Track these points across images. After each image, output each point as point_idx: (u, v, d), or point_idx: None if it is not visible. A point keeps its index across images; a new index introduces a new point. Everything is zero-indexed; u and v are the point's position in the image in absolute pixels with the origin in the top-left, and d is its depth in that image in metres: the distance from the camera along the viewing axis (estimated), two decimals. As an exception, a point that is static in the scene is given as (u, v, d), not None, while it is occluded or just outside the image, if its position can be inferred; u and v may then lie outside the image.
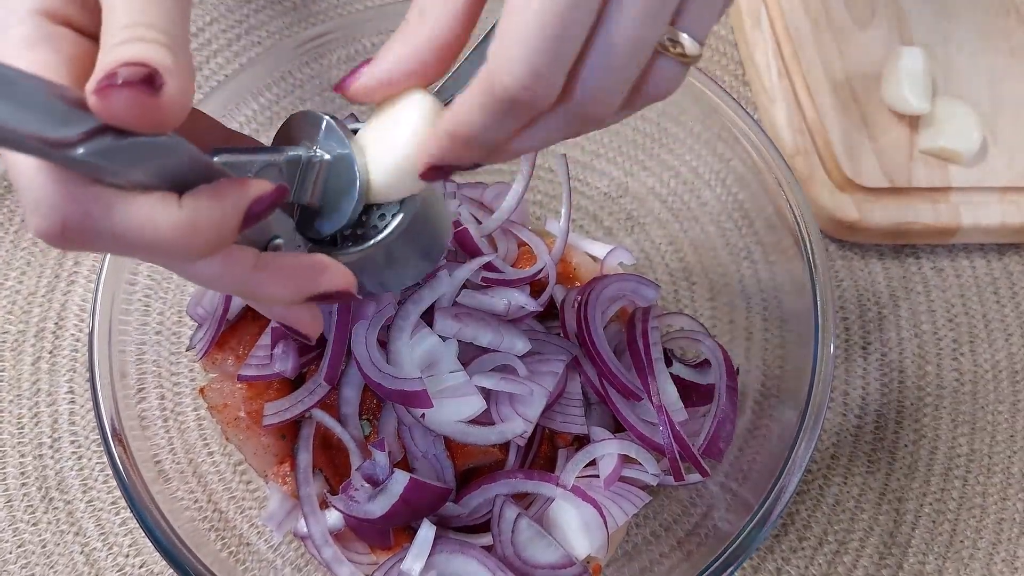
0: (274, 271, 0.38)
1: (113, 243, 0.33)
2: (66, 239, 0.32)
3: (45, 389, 0.69)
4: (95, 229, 0.32)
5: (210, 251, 0.35)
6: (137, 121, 0.31)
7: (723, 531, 0.54)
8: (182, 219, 0.33)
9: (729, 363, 0.60)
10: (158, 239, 0.33)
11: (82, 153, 0.30)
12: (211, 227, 0.34)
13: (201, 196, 0.34)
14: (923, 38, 0.80)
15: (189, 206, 0.33)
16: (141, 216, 0.33)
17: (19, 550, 0.64)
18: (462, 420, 0.53)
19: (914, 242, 0.76)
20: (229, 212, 0.35)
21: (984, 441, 0.71)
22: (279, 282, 0.39)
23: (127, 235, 0.33)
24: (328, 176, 0.41)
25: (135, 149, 0.31)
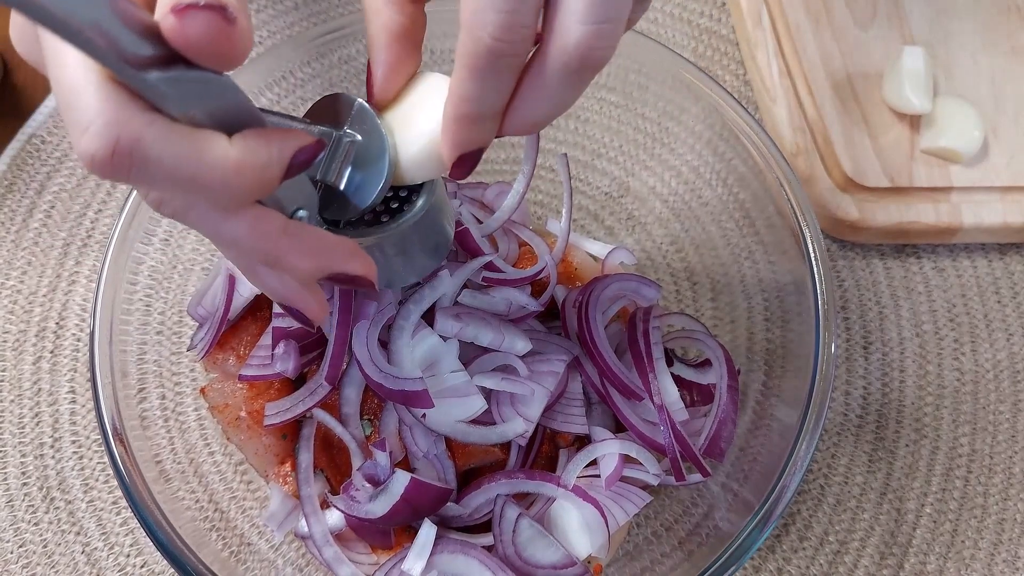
0: (300, 241, 0.38)
1: (159, 173, 0.33)
2: (114, 163, 0.32)
3: (46, 389, 0.69)
4: (145, 155, 0.32)
5: (253, 193, 0.35)
6: (211, 47, 0.31)
7: (724, 531, 0.54)
8: (231, 156, 0.33)
9: (730, 363, 0.60)
10: (205, 174, 0.33)
11: (154, 77, 0.30)
12: (257, 169, 0.34)
13: (250, 137, 0.34)
14: (924, 37, 0.80)
15: (239, 145, 0.34)
16: (193, 148, 0.33)
17: (20, 550, 0.64)
18: (463, 420, 0.53)
19: (915, 242, 0.76)
20: (275, 156, 0.35)
21: (985, 441, 0.71)
22: (304, 253, 0.39)
23: (176, 165, 0.33)
24: (356, 157, 0.41)
25: (200, 83, 0.32)
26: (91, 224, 0.74)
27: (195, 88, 0.32)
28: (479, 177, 0.75)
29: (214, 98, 0.33)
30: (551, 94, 0.38)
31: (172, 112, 0.32)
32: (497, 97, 0.37)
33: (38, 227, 0.74)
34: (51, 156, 0.76)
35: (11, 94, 0.80)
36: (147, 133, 0.32)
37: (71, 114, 0.32)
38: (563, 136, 0.72)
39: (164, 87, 0.31)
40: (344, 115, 0.41)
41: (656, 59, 0.63)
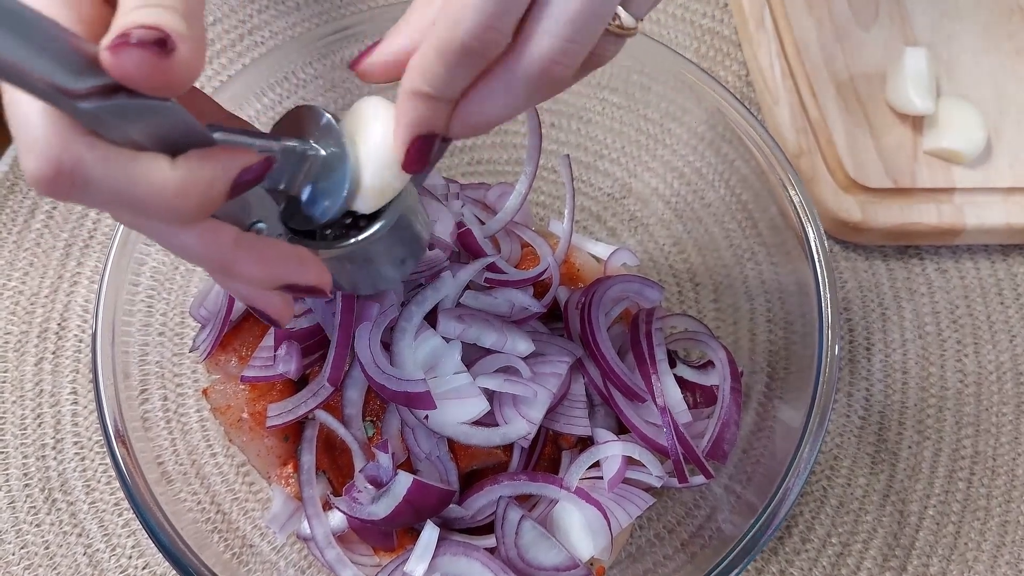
0: (252, 252, 0.39)
1: (102, 195, 0.34)
2: (57, 184, 0.33)
3: (48, 390, 0.69)
4: (87, 177, 0.33)
5: (196, 214, 0.36)
6: (146, 81, 0.32)
7: (727, 533, 0.54)
8: (173, 178, 0.34)
9: (733, 364, 0.60)
10: (148, 195, 0.34)
11: (89, 107, 0.31)
12: (200, 189, 0.35)
13: (192, 158, 0.35)
14: (927, 38, 0.80)
15: (181, 166, 0.35)
16: (134, 171, 0.34)
17: (22, 551, 0.64)
18: (466, 422, 0.53)
19: (918, 243, 0.76)
20: (219, 176, 0.36)
21: (988, 443, 0.70)
22: (255, 264, 0.39)
23: (117, 188, 0.34)
24: (320, 170, 0.41)
25: (139, 109, 0.33)
26: (93, 225, 0.74)
27: (136, 114, 0.33)
28: (481, 178, 0.75)
29: (156, 122, 0.34)
30: (505, 98, 0.39)
31: (113, 137, 0.33)
32: (455, 84, 0.38)
33: (40, 228, 0.73)
34: (53, 157, 0.75)
35: (13, 95, 0.80)
36: (87, 156, 0.33)
37: (19, 136, 0.33)
38: (565, 137, 0.72)
39: (100, 114, 0.32)
40: (311, 129, 0.42)
41: (658, 60, 0.63)
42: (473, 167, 0.76)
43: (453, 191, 0.65)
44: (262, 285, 0.41)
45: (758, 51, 0.80)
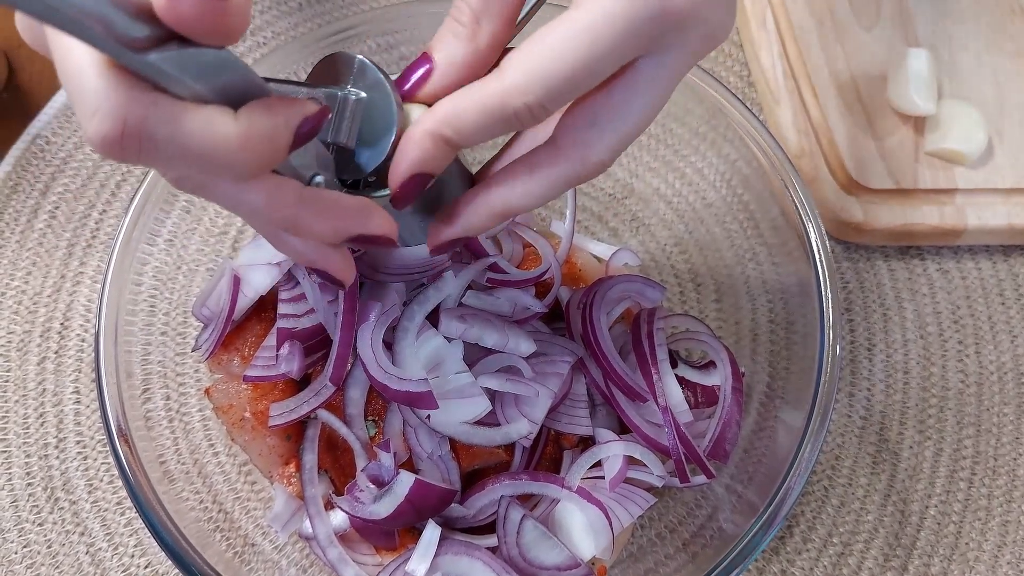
0: (318, 206, 0.39)
1: (168, 152, 0.33)
2: (124, 145, 0.32)
3: (51, 389, 0.69)
4: (154, 135, 0.32)
5: (262, 165, 0.35)
6: (203, 27, 0.31)
7: (728, 533, 0.54)
8: (238, 130, 0.34)
9: (735, 364, 0.60)
10: (214, 149, 0.33)
11: (153, 58, 0.31)
12: (264, 140, 0.35)
13: (255, 110, 0.35)
14: (928, 39, 0.80)
15: (244, 118, 0.34)
16: (200, 124, 0.33)
17: (25, 550, 0.64)
18: (467, 421, 0.53)
19: (919, 243, 0.76)
20: (281, 127, 0.35)
21: (989, 443, 0.71)
22: (324, 217, 0.39)
23: (183, 144, 0.33)
24: (364, 114, 0.41)
25: (199, 61, 0.32)
26: (95, 225, 0.74)
27: (195, 65, 0.32)
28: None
29: (215, 73, 0.33)
30: (544, 192, 0.41)
31: (175, 91, 0.32)
32: (480, 138, 0.39)
33: (43, 228, 0.74)
34: (56, 157, 0.76)
35: (16, 95, 0.80)
36: (152, 114, 0.32)
37: (78, 100, 0.32)
38: (567, 137, 0.72)
39: (163, 66, 0.31)
40: (345, 74, 0.41)
41: (660, 61, 0.63)
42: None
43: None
44: (329, 239, 0.40)
45: (760, 52, 0.80)
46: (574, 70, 0.36)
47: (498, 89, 0.37)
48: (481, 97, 0.37)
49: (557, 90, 0.37)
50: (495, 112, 0.37)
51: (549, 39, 0.36)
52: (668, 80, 0.40)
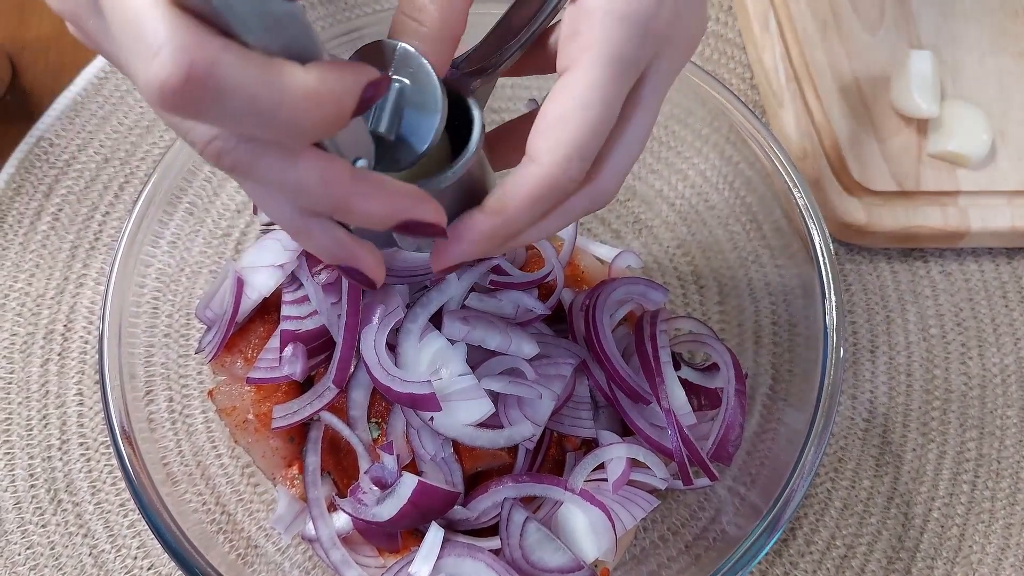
0: (370, 186, 0.37)
1: (235, 102, 0.30)
2: (186, 91, 0.29)
3: (54, 391, 0.69)
4: (220, 82, 0.29)
5: (326, 128, 0.33)
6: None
7: (731, 535, 0.54)
8: (307, 84, 0.32)
9: (738, 367, 0.60)
10: (283, 102, 0.31)
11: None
12: (332, 99, 0.32)
13: (324, 67, 0.33)
14: (931, 41, 0.80)
15: (313, 74, 0.32)
16: (271, 75, 0.31)
17: (28, 552, 0.64)
18: (471, 423, 0.53)
19: (922, 246, 0.76)
20: (349, 87, 0.33)
21: (993, 445, 0.70)
22: (377, 199, 0.37)
23: (253, 94, 0.30)
24: (405, 103, 0.39)
25: (271, 9, 0.30)
26: (99, 227, 0.74)
27: (266, 14, 0.30)
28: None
29: (285, 26, 0.31)
30: (561, 222, 0.43)
31: (246, 38, 0.30)
32: (533, 223, 0.41)
33: (46, 230, 0.74)
34: (59, 159, 0.76)
35: (19, 97, 0.80)
36: (223, 58, 0.29)
37: (135, 43, 0.29)
38: (570, 139, 0.72)
39: (239, 8, 0.29)
40: (388, 62, 0.39)
41: (663, 63, 0.63)
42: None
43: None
44: (380, 222, 0.37)
45: (763, 54, 0.80)
46: (597, 126, 0.39)
47: (540, 174, 0.39)
48: (529, 190, 0.39)
49: (590, 149, 0.39)
50: (547, 197, 0.39)
51: (564, 108, 0.38)
52: (659, 99, 0.42)
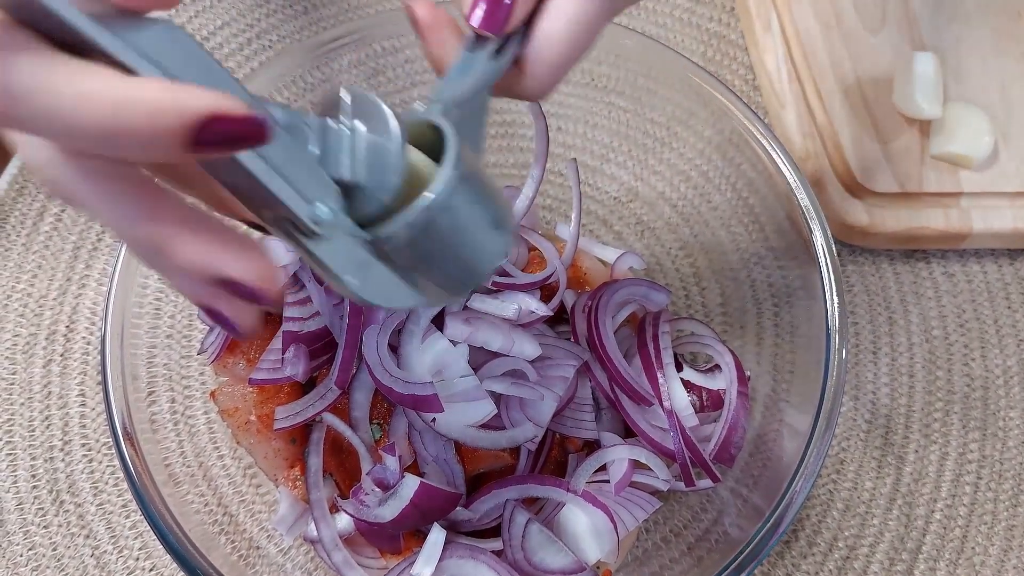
0: (194, 225, 0.31)
1: (30, 103, 0.26)
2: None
3: (56, 392, 0.69)
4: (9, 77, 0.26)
5: (136, 147, 0.27)
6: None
7: (734, 537, 0.54)
8: (116, 92, 0.27)
9: (740, 368, 0.60)
10: (86, 107, 0.27)
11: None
12: (142, 113, 0.27)
13: (154, 81, 0.27)
14: (934, 43, 0.79)
15: (135, 86, 0.27)
16: (79, 75, 0.27)
17: (30, 552, 0.64)
18: (473, 425, 0.53)
19: (925, 247, 0.76)
20: (181, 105, 0.27)
21: (995, 447, 0.70)
22: (194, 241, 0.31)
23: (55, 93, 0.26)
24: (367, 148, 0.35)
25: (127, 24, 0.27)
26: (101, 228, 0.74)
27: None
28: (488, 181, 0.75)
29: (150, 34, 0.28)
30: None
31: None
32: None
33: (48, 231, 0.74)
34: (62, 160, 0.76)
35: (22, 98, 0.80)
36: (17, 40, 0.27)
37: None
38: (572, 141, 0.72)
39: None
40: (344, 106, 0.36)
41: (665, 64, 0.63)
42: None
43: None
44: (196, 274, 0.32)
45: (765, 55, 0.80)
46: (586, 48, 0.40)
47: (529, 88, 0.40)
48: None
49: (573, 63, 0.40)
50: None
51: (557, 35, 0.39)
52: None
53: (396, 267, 0.36)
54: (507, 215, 0.38)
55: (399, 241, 0.35)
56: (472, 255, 0.37)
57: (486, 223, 0.37)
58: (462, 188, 0.35)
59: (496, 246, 0.38)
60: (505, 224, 0.38)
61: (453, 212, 0.35)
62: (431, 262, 0.36)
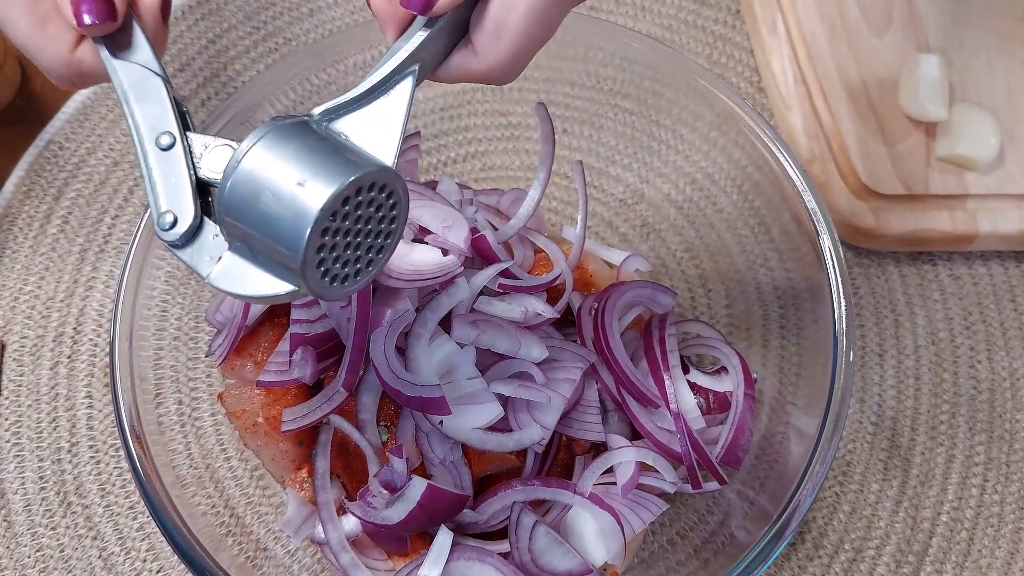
0: None
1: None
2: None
3: (63, 394, 0.69)
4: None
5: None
6: None
7: (740, 540, 0.54)
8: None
9: (747, 370, 0.60)
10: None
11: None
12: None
13: None
14: (940, 44, 0.79)
15: None
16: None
17: (38, 554, 0.65)
18: (480, 427, 0.53)
19: (931, 249, 0.76)
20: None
21: (1002, 449, 0.70)
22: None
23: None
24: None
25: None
26: (108, 230, 0.75)
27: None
28: (494, 184, 0.75)
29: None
30: None
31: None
32: None
33: (55, 233, 0.74)
34: (68, 162, 0.76)
35: (29, 100, 0.80)
36: None
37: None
38: (578, 143, 0.72)
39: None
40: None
41: (671, 66, 0.63)
42: (486, 173, 0.76)
43: (467, 197, 0.65)
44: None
45: (770, 57, 0.80)
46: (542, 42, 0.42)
47: (478, 68, 0.43)
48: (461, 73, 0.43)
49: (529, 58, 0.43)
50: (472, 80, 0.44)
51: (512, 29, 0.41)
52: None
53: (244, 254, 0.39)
54: (327, 171, 0.36)
55: (221, 219, 0.38)
56: (277, 215, 0.36)
57: (291, 182, 0.36)
58: (259, 158, 0.37)
59: (301, 203, 0.36)
60: (318, 181, 0.36)
61: (247, 179, 0.36)
62: (251, 230, 0.37)
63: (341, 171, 0.36)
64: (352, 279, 0.39)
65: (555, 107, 0.70)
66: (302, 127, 0.38)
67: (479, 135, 0.76)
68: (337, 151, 0.38)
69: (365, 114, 0.42)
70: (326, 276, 0.37)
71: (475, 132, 0.76)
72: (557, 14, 0.42)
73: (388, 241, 0.40)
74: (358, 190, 0.36)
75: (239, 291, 0.39)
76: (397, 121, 0.42)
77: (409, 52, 0.42)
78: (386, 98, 0.42)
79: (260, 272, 0.38)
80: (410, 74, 0.43)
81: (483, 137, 0.76)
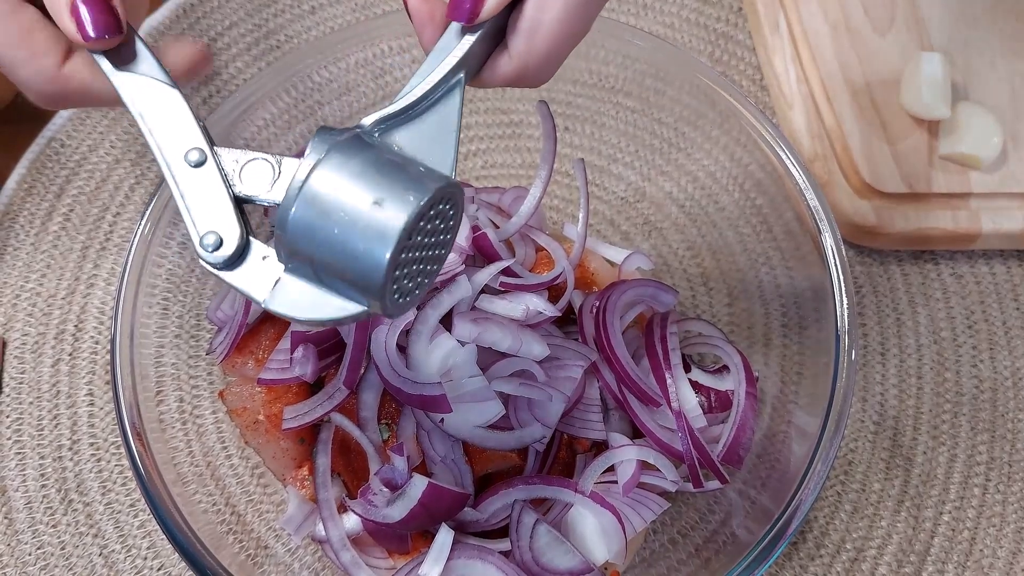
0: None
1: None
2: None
3: (65, 391, 0.69)
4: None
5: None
6: None
7: (742, 539, 0.54)
8: None
9: (748, 369, 0.60)
10: None
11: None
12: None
13: None
14: (943, 43, 0.79)
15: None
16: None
17: (38, 552, 0.65)
18: (481, 425, 0.53)
19: (933, 248, 0.75)
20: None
21: (1004, 449, 0.70)
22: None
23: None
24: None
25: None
26: (109, 228, 0.75)
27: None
28: (496, 182, 0.75)
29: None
30: None
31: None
32: None
33: (57, 231, 0.74)
34: (70, 160, 0.76)
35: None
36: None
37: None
38: (579, 141, 0.72)
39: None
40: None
41: (673, 64, 0.63)
42: (487, 171, 0.76)
43: (468, 195, 0.65)
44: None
45: (773, 56, 0.80)
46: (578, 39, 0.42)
47: (515, 70, 0.42)
48: (500, 76, 0.42)
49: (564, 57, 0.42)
50: (510, 83, 0.43)
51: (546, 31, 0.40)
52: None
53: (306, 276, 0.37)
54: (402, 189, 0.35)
55: (282, 242, 0.36)
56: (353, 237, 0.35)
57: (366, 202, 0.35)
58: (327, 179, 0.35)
59: (381, 224, 0.35)
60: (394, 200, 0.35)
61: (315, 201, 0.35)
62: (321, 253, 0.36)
63: (417, 188, 0.35)
64: (414, 293, 0.38)
65: (557, 105, 0.70)
66: (361, 142, 0.37)
67: (480, 133, 0.76)
68: (403, 167, 0.36)
69: (418, 125, 0.40)
70: (396, 293, 0.36)
71: (476, 130, 0.76)
72: (594, 9, 0.41)
73: (443, 251, 0.39)
74: (431, 206, 0.36)
75: (306, 316, 0.37)
76: (450, 131, 0.40)
77: (458, 59, 0.40)
78: (437, 107, 0.40)
79: (325, 294, 0.36)
80: (458, 82, 0.41)
81: (484, 135, 0.76)
